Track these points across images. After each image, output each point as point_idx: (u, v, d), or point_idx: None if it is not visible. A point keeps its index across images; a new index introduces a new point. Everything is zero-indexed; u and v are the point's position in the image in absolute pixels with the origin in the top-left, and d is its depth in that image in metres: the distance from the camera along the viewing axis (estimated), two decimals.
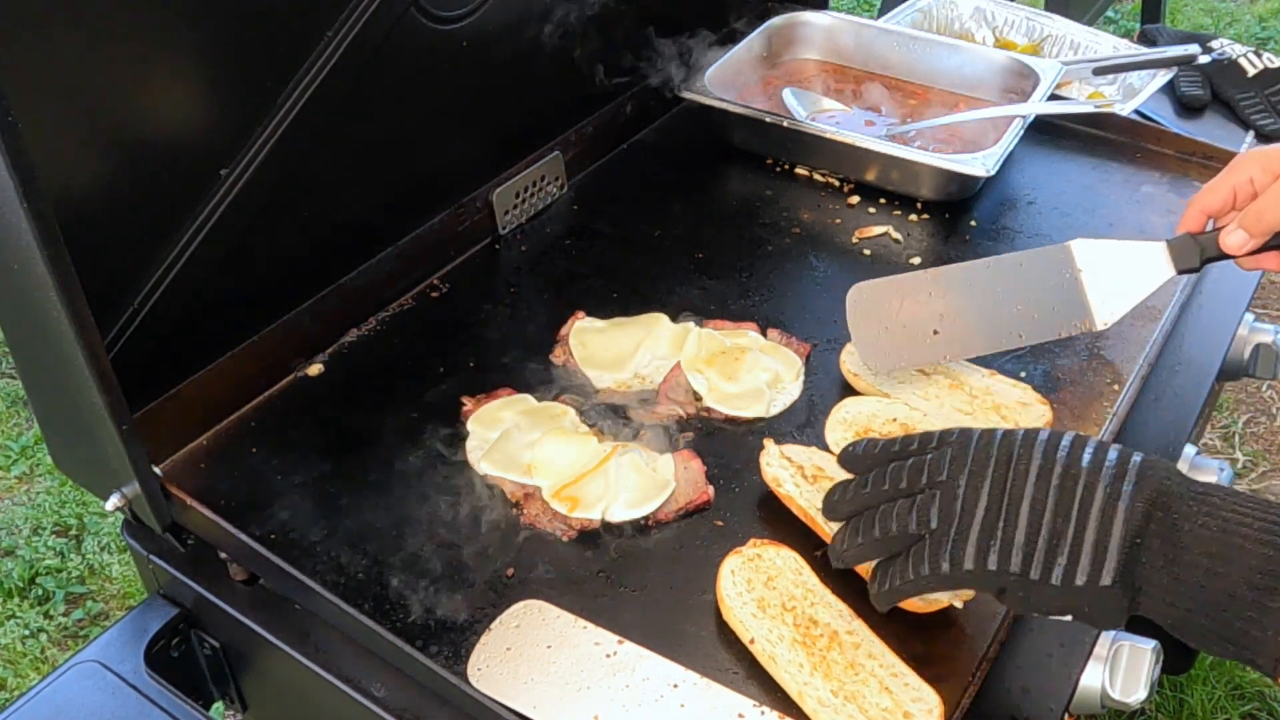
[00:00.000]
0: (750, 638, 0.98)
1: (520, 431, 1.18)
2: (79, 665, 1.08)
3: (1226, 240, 1.08)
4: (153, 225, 1.08)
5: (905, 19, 1.92)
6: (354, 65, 1.18)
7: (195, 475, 1.16)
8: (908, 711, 0.92)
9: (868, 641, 0.97)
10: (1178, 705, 2.09)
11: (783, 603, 1.00)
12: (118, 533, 2.27)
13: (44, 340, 0.98)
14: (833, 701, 0.93)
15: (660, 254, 1.47)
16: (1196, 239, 1.13)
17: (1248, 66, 1.85)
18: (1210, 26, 4.21)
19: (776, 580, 1.02)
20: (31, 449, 2.69)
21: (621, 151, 1.68)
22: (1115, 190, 1.58)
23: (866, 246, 1.48)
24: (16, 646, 2.26)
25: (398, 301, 1.39)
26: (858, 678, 0.94)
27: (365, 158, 1.29)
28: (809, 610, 1.00)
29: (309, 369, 1.30)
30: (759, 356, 1.26)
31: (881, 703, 0.92)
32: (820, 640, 0.97)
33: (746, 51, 1.73)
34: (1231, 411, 2.76)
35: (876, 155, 1.53)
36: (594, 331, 1.31)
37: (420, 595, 1.05)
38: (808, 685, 0.94)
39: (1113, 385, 1.25)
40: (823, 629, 0.98)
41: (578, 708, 0.94)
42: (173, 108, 1.07)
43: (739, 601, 1.00)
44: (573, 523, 1.10)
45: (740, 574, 1.03)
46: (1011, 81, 1.67)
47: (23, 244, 0.88)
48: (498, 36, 1.37)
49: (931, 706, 0.92)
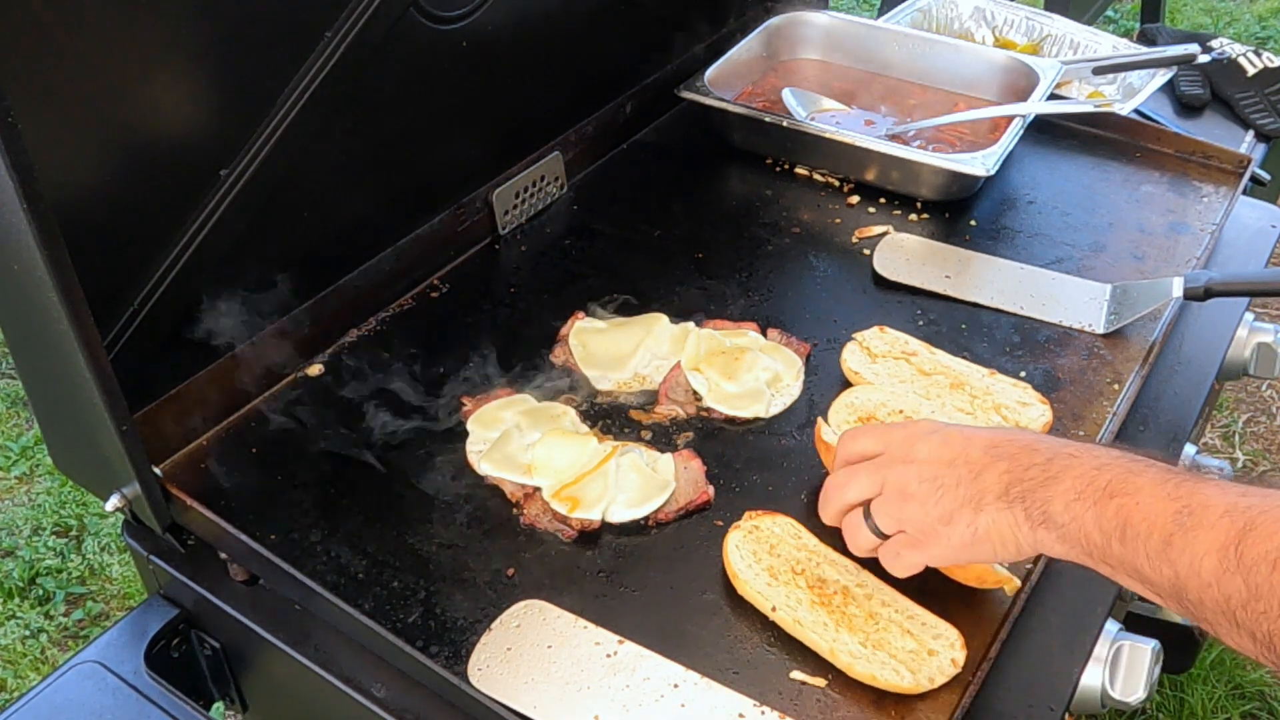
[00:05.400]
0: (771, 606, 1.01)
1: (520, 431, 1.18)
2: (79, 666, 1.08)
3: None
4: (153, 225, 1.08)
5: (905, 19, 1.92)
6: (354, 65, 1.18)
7: (195, 475, 1.16)
8: (931, 649, 0.98)
9: (878, 590, 1.02)
10: (1178, 705, 2.09)
11: (791, 568, 1.03)
12: (118, 533, 2.27)
13: (44, 340, 0.98)
14: (863, 653, 0.97)
15: (660, 254, 1.47)
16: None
17: (1247, 66, 1.85)
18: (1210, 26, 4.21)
19: (779, 548, 1.05)
20: (31, 449, 2.68)
21: (621, 151, 1.68)
22: (1115, 190, 1.57)
23: (866, 246, 1.47)
24: (16, 647, 2.25)
25: (398, 301, 1.39)
26: (879, 626, 0.99)
27: (365, 158, 1.29)
28: (816, 571, 1.03)
29: (309, 369, 1.30)
30: (759, 356, 1.26)
31: (906, 645, 0.98)
32: (835, 598, 1.01)
33: (746, 51, 1.73)
34: (1231, 411, 2.76)
35: (876, 155, 1.53)
36: (594, 331, 1.31)
37: (420, 595, 1.05)
38: (837, 641, 0.98)
39: (1113, 385, 1.25)
40: (834, 586, 1.02)
41: (578, 708, 0.94)
42: (173, 108, 1.07)
43: (751, 574, 1.03)
44: (573, 523, 1.10)
45: (745, 547, 1.05)
46: (1011, 81, 1.67)
47: (23, 244, 0.88)
48: (498, 36, 1.37)
49: (952, 640, 0.98)
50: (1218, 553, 0.74)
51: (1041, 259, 1.44)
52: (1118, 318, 1.32)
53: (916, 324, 1.34)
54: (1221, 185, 1.57)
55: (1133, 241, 1.47)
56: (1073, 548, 0.85)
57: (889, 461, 0.96)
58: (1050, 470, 0.87)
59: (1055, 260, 1.44)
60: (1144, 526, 0.79)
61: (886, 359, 1.25)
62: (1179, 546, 0.77)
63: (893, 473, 0.95)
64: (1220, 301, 1.31)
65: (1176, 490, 0.79)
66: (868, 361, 1.25)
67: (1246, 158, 1.59)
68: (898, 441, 0.96)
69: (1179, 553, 0.77)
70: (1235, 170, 1.58)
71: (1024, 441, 0.91)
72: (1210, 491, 0.78)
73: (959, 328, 1.34)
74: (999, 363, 1.27)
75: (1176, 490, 0.79)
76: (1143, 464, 0.84)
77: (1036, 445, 0.90)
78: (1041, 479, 0.87)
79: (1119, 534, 0.81)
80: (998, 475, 0.89)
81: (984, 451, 0.91)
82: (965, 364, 1.25)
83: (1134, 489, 0.82)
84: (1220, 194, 1.55)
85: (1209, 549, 0.75)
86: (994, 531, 0.89)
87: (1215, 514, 0.76)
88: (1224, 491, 0.78)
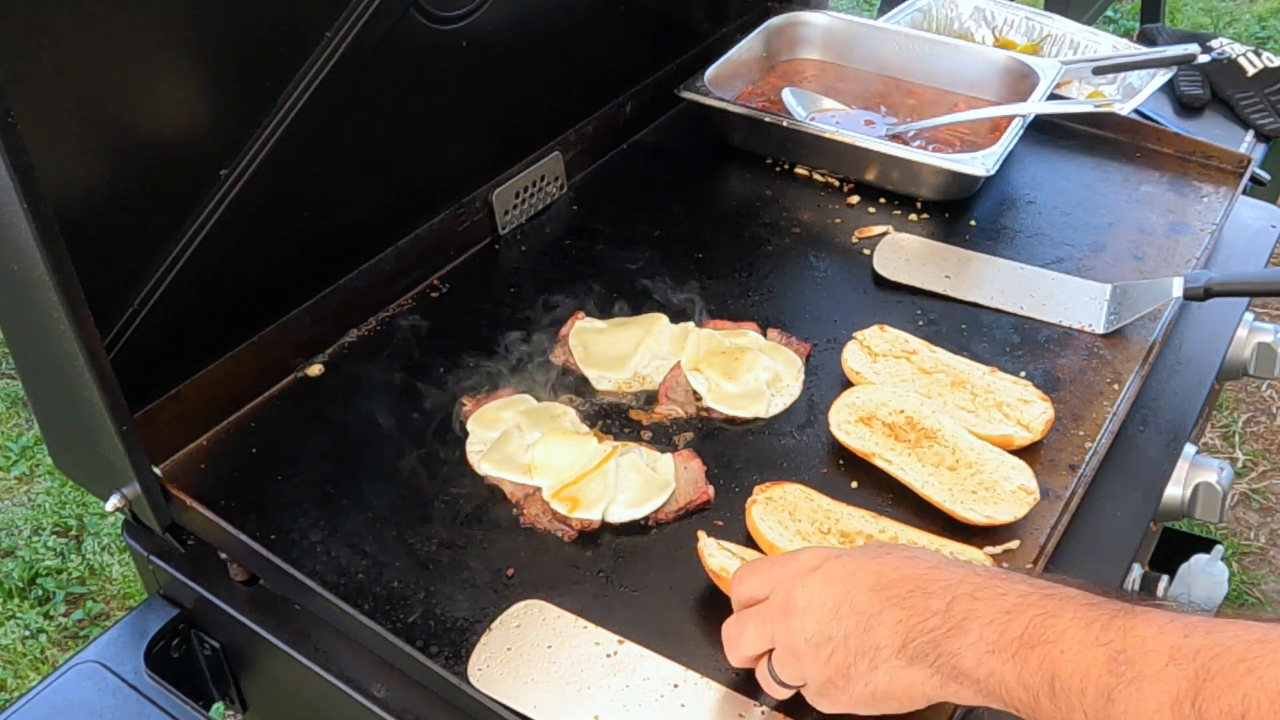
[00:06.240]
0: None
1: (520, 432, 1.18)
2: (79, 666, 1.08)
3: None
4: (153, 225, 1.08)
5: (905, 19, 1.92)
6: (354, 65, 1.18)
7: (195, 475, 1.16)
8: None
9: (900, 530, 1.06)
10: None
11: (816, 529, 1.06)
12: (118, 533, 2.27)
13: (44, 340, 0.98)
14: None
15: (660, 254, 1.47)
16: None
17: (1247, 66, 1.85)
18: (1209, 26, 4.21)
19: (797, 512, 1.08)
20: (31, 449, 2.68)
21: (621, 151, 1.68)
22: (1115, 190, 1.57)
23: (866, 246, 1.47)
24: (16, 647, 2.26)
25: (398, 302, 1.39)
26: None
27: (365, 158, 1.29)
28: (838, 527, 1.07)
29: (309, 369, 1.30)
30: (759, 356, 1.26)
31: None
32: None
33: (746, 51, 1.73)
34: (1231, 411, 2.76)
35: (876, 155, 1.53)
36: (594, 331, 1.31)
37: (420, 595, 1.05)
38: None
39: (1113, 385, 1.25)
40: (860, 536, 1.06)
41: (578, 708, 0.94)
42: (173, 108, 1.07)
43: (786, 541, 1.05)
44: (573, 523, 1.10)
45: (770, 518, 1.07)
46: (1011, 81, 1.67)
47: (23, 244, 0.88)
48: (498, 36, 1.37)
49: (980, 560, 1.01)
50: (1170, 708, 0.66)
51: (1041, 259, 1.44)
52: (1118, 318, 1.32)
53: (916, 324, 1.34)
54: (1221, 185, 1.57)
55: (1133, 241, 1.47)
56: (994, 701, 0.76)
57: (774, 613, 0.87)
58: (951, 619, 0.77)
59: (1055, 260, 1.44)
60: (1075, 680, 0.71)
61: (887, 358, 1.25)
62: (1122, 702, 0.68)
63: (780, 628, 0.86)
64: (1220, 301, 1.30)
65: (1105, 632, 0.71)
66: (868, 360, 1.25)
67: (1246, 158, 1.59)
68: (780, 584, 0.87)
69: (1123, 710, 0.68)
70: (1235, 170, 1.58)
71: (915, 579, 0.81)
72: (1145, 632, 0.70)
73: (959, 328, 1.34)
74: (999, 363, 1.27)
75: (1105, 632, 0.71)
76: (1057, 598, 0.75)
77: (929, 585, 0.80)
78: (944, 630, 0.77)
79: (1047, 690, 0.72)
80: (891, 628, 0.80)
81: (871, 596, 0.81)
82: (966, 362, 1.25)
83: (1055, 634, 0.73)
84: (1220, 194, 1.55)
85: (1160, 704, 0.67)
86: (895, 688, 0.81)
87: (1158, 661, 0.68)
88: (1161, 630, 0.69)
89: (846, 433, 1.16)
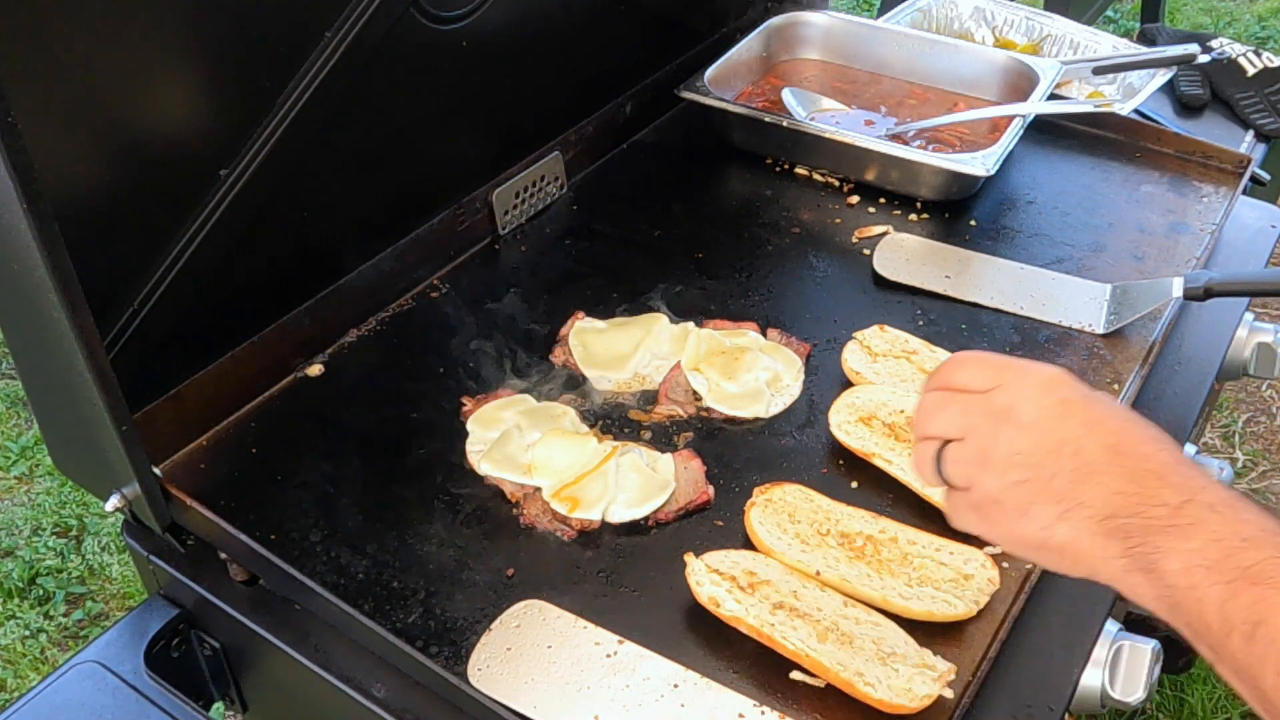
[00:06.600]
0: (815, 570, 1.03)
1: (520, 431, 1.18)
2: (79, 666, 1.08)
3: None
4: (153, 225, 1.08)
5: (905, 19, 1.92)
6: (354, 65, 1.18)
7: (195, 475, 1.16)
8: (966, 574, 1.03)
9: (900, 531, 1.06)
10: (1178, 705, 2.09)
11: (815, 530, 1.06)
12: (118, 533, 2.27)
13: (44, 340, 0.98)
14: (912, 592, 1.02)
15: (660, 254, 1.47)
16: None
17: (1247, 66, 1.85)
18: (1209, 26, 4.21)
19: (796, 514, 1.08)
20: (31, 449, 2.68)
21: (621, 151, 1.68)
22: (1115, 190, 1.57)
23: (866, 246, 1.47)
24: (16, 647, 2.25)
25: (398, 301, 1.39)
26: (915, 565, 1.04)
27: (365, 158, 1.29)
28: (838, 528, 1.07)
29: (309, 369, 1.29)
30: (759, 356, 1.26)
31: (945, 575, 1.03)
32: (866, 548, 1.05)
33: (746, 51, 1.73)
34: (1231, 411, 2.76)
35: (876, 155, 1.53)
36: (594, 331, 1.31)
37: (420, 595, 1.05)
38: (886, 588, 1.02)
39: (1113, 385, 1.25)
40: (860, 538, 1.05)
41: (578, 708, 0.94)
42: (173, 108, 1.07)
43: (784, 545, 1.05)
44: (573, 523, 1.10)
45: (769, 521, 1.07)
46: (1011, 81, 1.67)
47: (23, 244, 0.88)
48: (498, 36, 1.37)
49: (981, 560, 1.04)
50: None
51: (1041, 259, 1.44)
52: (1118, 318, 1.32)
53: (916, 324, 1.34)
54: (1221, 185, 1.57)
55: (1133, 241, 1.47)
56: (1172, 614, 0.69)
57: (987, 411, 0.79)
58: (1180, 517, 0.70)
59: (1055, 260, 1.44)
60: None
61: (887, 358, 1.25)
62: None
63: (986, 427, 0.78)
64: (1220, 301, 1.30)
65: None
66: (868, 360, 1.25)
67: (1246, 158, 1.59)
68: (1008, 386, 0.79)
69: None
70: (1235, 170, 1.58)
71: (1158, 461, 0.73)
72: None
73: (959, 328, 1.34)
74: None
75: None
76: None
77: (1169, 475, 0.72)
78: (1164, 523, 0.70)
79: (1247, 630, 0.65)
80: (1106, 493, 0.72)
81: (1103, 453, 0.74)
82: None
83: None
84: (1220, 194, 1.55)
85: None
86: (1071, 548, 0.74)
87: None
88: None
89: (846, 433, 1.16)
